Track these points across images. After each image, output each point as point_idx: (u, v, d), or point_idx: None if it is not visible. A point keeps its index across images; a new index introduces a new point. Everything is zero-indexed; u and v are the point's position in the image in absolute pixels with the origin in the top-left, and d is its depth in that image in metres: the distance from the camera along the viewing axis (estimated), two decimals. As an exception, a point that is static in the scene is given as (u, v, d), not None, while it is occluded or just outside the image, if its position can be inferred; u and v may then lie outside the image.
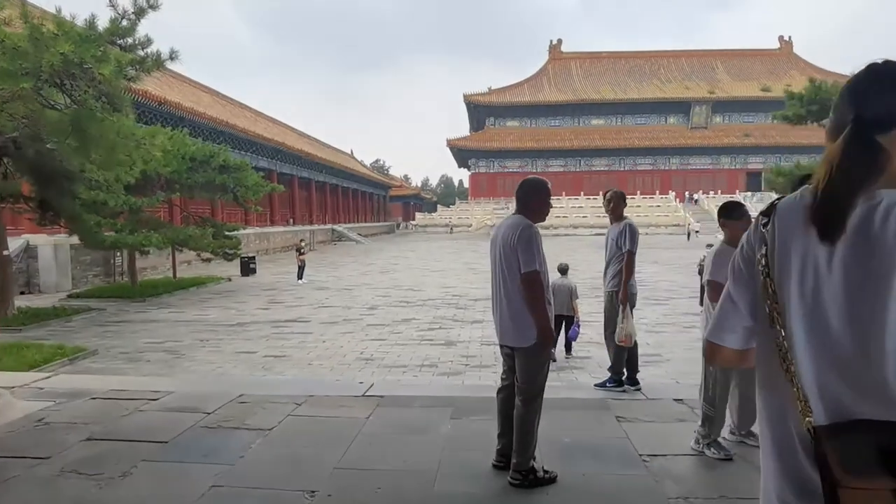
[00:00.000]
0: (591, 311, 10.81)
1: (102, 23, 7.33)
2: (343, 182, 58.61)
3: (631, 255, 5.70)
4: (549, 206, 3.76)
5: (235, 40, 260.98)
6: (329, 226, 51.70)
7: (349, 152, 75.35)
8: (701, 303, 13.07)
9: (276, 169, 41.33)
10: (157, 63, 7.93)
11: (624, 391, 5.68)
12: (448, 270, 23.11)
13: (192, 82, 38.21)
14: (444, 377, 7.50)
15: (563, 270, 9.43)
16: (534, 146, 71.78)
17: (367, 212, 70.71)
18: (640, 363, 6.00)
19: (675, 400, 5.20)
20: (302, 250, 20.67)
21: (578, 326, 8.80)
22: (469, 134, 78.66)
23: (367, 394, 5.25)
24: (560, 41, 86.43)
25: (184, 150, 15.21)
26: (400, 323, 11.49)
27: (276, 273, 23.55)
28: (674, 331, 10.53)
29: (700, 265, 12.49)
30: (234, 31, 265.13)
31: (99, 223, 12.75)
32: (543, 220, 3.72)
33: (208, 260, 17.81)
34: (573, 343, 8.91)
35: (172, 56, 7.97)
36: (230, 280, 20.24)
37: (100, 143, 7.54)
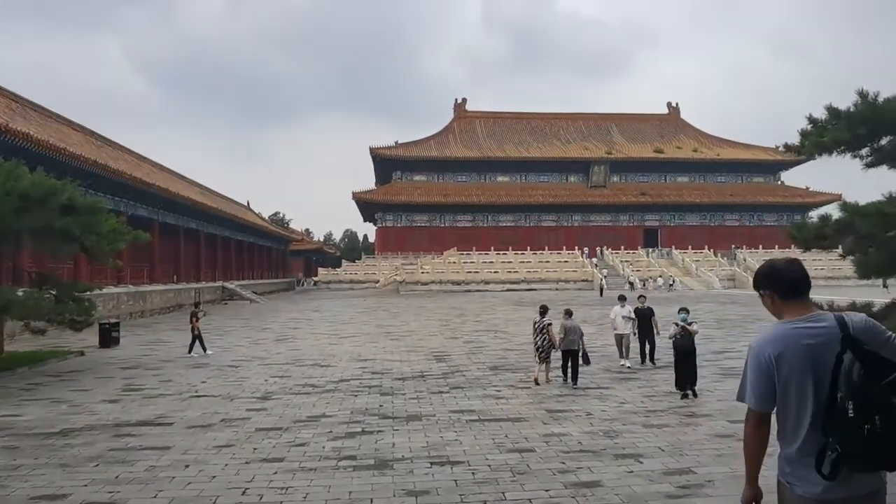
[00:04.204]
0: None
1: None
2: (237, 235, 53.83)
3: None
4: None
5: (129, 92, 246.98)
6: (219, 283, 46.67)
7: (245, 203, 70.45)
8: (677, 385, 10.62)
9: (159, 218, 36.59)
10: None
11: None
12: (361, 336, 19.81)
13: (62, 119, 33.15)
14: (387, 551, 4.40)
15: (569, 313, 11.31)
16: (442, 201, 70.48)
17: (264, 267, 65.59)
18: None
19: None
20: (198, 315, 16.45)
21: (587, 355, 11.13)
22: (375, 187, 76.42)
23: None
24: (465, 100, 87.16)
25: (10, 185, 11.36)
26: (304, 425, 8.19)
27: (147, 343, 19.26)
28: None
29: (677, 333, 9.96)
30: (127, 82, 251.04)
31: None
32: None
33: (40, 332, 13.58)
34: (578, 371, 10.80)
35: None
36: (83, 354, 15.87)
37: None
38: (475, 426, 7.87)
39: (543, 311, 11.21)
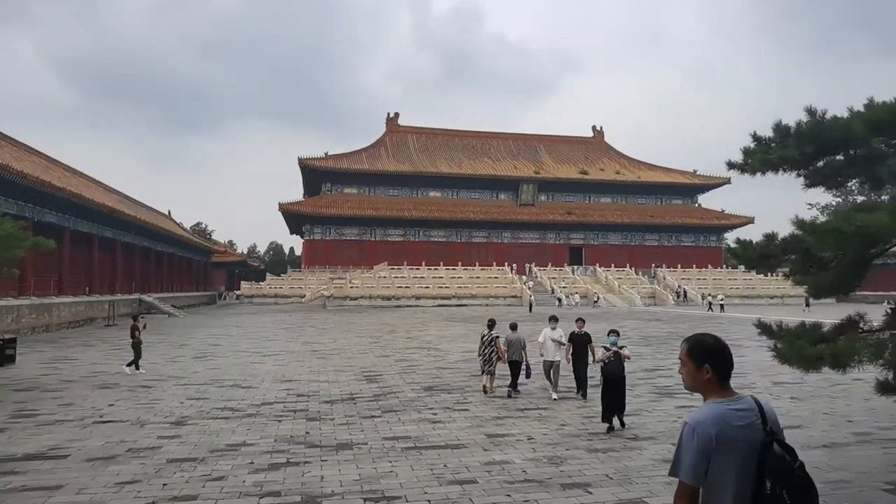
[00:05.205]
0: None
1: None
2: (156, 245, 51.08)
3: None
4: None
5: (42, 91, 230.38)
6: (136, 295, 44.03)
7: (166, 213, 67.16)
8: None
9: (70, 226, 34.17)
10: None
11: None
12: (285, 354, 18.83)
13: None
14: None
15: (514, 327, 11.93)
16: (373, 214, 69.57)
17: (185, 280, 62.53)
18: None
19: None
20: (139, 327, 15.31)
21: (529, 368, 11.43)
22: (304, 199, 74.60)
23: None
24: (397, 114, 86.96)
25: None
26: (222, 455, 7.41)
27: (49, 360, 17.60)
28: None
29: (606, 358, 9.12)
30: (40, 81, 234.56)
31: None
32: None
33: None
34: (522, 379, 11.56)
35: None
36: (-31, 374, 14.27)
37: None
38: (411, 455, 7.34)
39: (491, 324, 11.96)
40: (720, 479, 2.33)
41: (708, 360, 2.48)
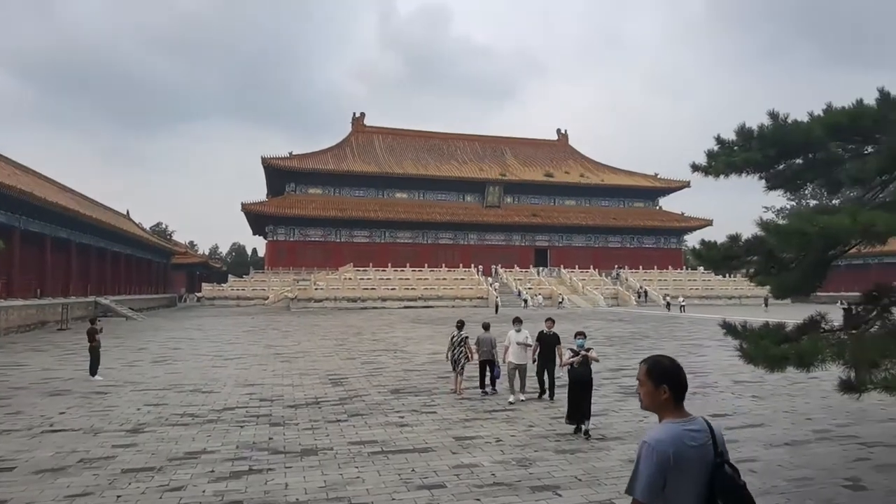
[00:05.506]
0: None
1: None
2: (114, 246, 49.61)
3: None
4: None
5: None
6: (91, 298, 42.68)
7: (125, 213, 65.34)
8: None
9: (21, 226, 32.89)
10: None
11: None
12: (248, 357, 18.41)
13: None
14: None
15: (487, 327, 11.94)
16: (338, 215, 68.88)
17: (143, 282, 60.88)
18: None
19: None
20: (97, 331, 14.80)
21: (499, 368, 11.43)
22: (267, 199, 73.46)
23: None
24: (363, 114, 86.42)
25: None
26: (180, 463, 7.14)
27: (-5, 366, 16.86)
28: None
29: (574, 361, 8.91)
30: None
31: None
32: None
33: None
34: (496, 379, 11.58)
35: None
36: None
37: None
38: (378, 460, 7.20)
39: (461, 325, 12.12)
40: (675, 498, 2.40)
41: (665, 381, 2.56)
